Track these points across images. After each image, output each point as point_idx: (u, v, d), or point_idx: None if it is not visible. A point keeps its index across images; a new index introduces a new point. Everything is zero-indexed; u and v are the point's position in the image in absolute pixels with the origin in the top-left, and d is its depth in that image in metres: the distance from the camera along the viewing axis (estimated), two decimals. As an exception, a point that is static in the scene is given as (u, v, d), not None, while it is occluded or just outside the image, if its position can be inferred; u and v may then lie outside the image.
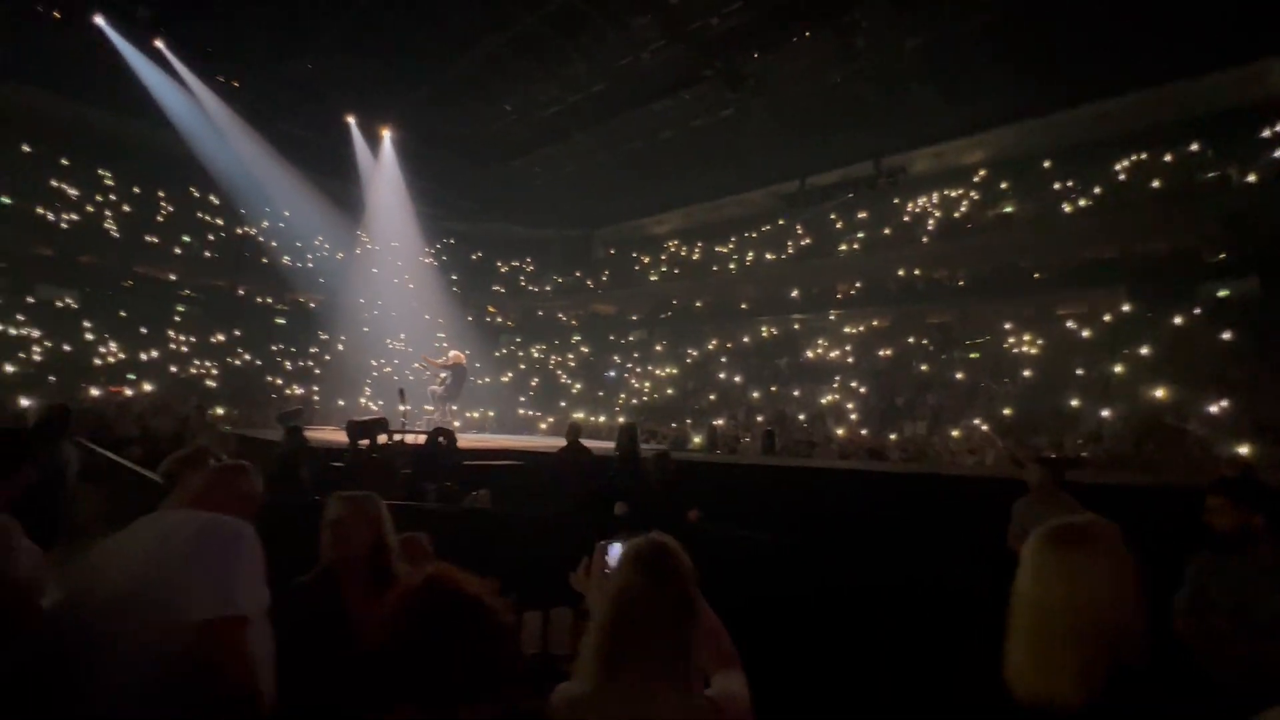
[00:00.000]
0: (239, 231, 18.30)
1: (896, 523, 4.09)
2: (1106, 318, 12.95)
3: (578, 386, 18.25)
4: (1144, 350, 11.40)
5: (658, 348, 19.52)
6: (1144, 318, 12.22)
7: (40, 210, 15.44)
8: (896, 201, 17.63)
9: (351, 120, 15.35)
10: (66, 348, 13.68)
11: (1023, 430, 10.74)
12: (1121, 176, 14.46)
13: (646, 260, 22.00)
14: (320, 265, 18.68)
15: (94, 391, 12.31)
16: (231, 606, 1.31)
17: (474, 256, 22.76)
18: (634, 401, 16.70)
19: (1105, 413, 10.46)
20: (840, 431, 12.30)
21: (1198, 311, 11.67)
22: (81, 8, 11.65)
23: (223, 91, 14.15)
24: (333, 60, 13.70)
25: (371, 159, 16.68)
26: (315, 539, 2.10)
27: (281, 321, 18.61)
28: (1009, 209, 15.68)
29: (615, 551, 1.37)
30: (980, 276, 15.51)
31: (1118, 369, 11.26)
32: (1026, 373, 12.56)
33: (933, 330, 15.67)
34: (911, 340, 15.40)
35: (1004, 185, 16.22)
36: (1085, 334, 12.91)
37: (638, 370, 18.57)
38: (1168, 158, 13.90)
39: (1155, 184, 13.62)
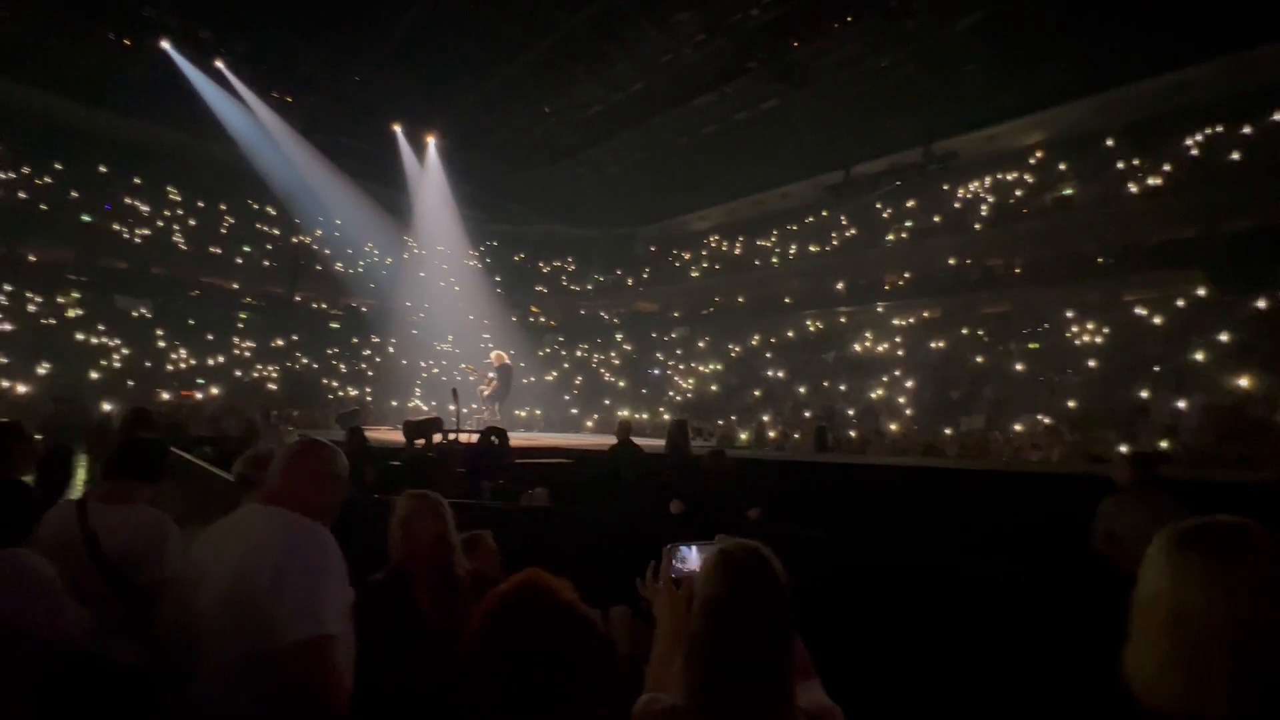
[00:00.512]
0: (294, 240, 19.06)
1: (963, 522, 3.93)
2: (1180, 303, 12.20)
3: (622, 384, 18.31)
4: (1223, 336, 10.67)
5: (700, 345, 19.40)
6: (1223, 301, 11.45)
7: (116, 226, 16.45)
8: (946, 188, 17.04)
9: (398, 129, 15.75)
10: (141, 355, 14.53)
11: (1090, 425, 10.21)
12: (1194, 152, 13.59)
13: (688, 257, 21.90)
14: (370, 271, 19.32)
15: (166, 395, 13.02)
16: (321, 626, 1.29)
17: (517, 258, 23.10)
18: (678, 399, 16.65)
19: (1181, 404, 9.85)
20: (893, 427, 11.95)
21: (1285, 294, 10.86)
22: (150, 34, 12.31)
23: (278, 107, 14.73)
24: (380, 72, 14.10)
25: (418, 166, 17.10)
26: (382, 537, 2.15)
27: (336, 326, 19.30)
28: (1069, 191, 14.94)
29: (685, 554, 1.32)
30: (1038, 263, 14.83)
31: (1197, 356, 10.58)
32: (1091, 363, 11.94)
33: (988, 320, 15.08)
34: (965, 331, 14.85)
35: (1063, 166, 15.46)
36: (1156, 320, 12.20)
37: (681, 368, 18.50)
38: (1247, 130, 12.98)
39: (1234, 157, 12.73)
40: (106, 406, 10.90)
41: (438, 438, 5.60)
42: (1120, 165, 14.39)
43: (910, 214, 17.48)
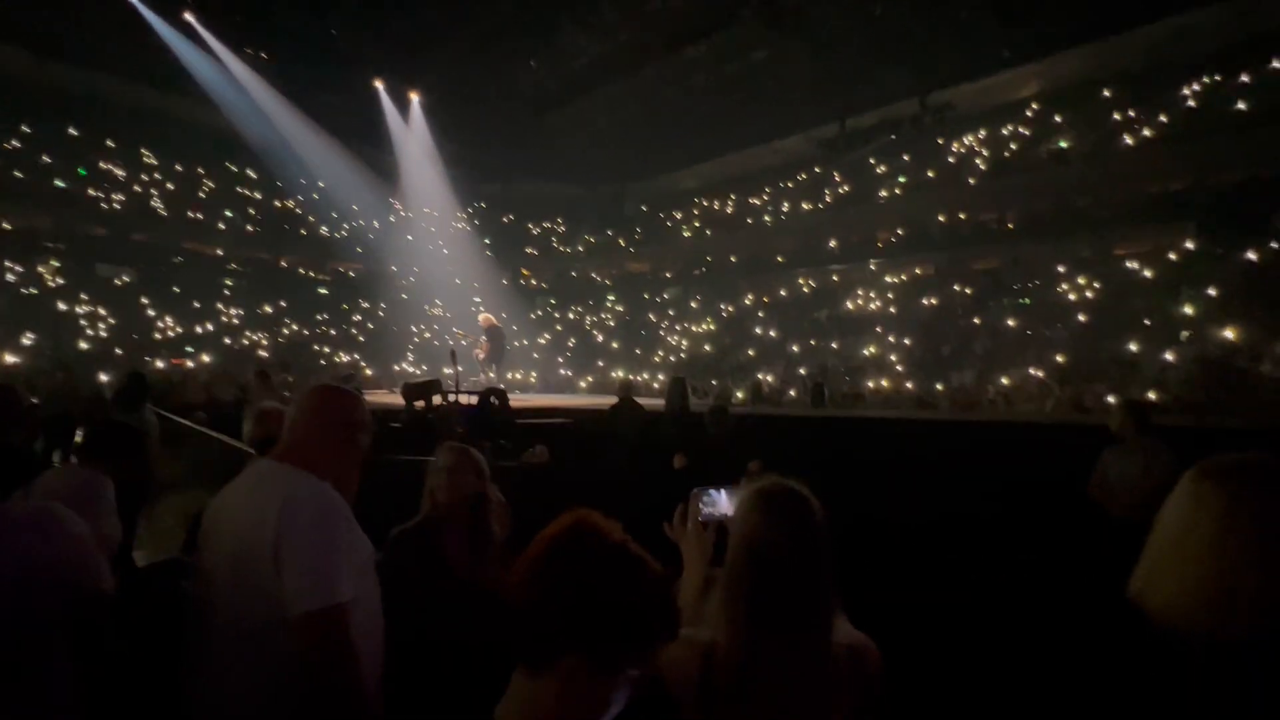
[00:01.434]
0: (277, 205, 18.60)
1: (958, 471, 4.01)
2: (1171, 256, 12.24)
3: (615, 345, 18.31)
4: (1211, 290, 10.76)
5: (693, 304, 19.35)
6: (1213, 254, 11.49)
7: (92, 192, 15.96)
8: (941, 142, 16.78)
9: (380, 85, 15.22)
10: (127, 324, 14.30)
11: (1079, 377, 10.36)
12: (1191, 103, 13.42)
13: (679, 216, 21.62)
14: (357, 235, 18.95)
15: (159, 364, 12.88)
16: (331, 596, 1.22)
17: (505, 219, 22.72)
18: (671, 359, 16.68)
19: (1169, 356, 9.99)
20: (885, 383, 12.07)
21: (1275, 245, 10.90)
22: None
23: (254, 64, 14.17)
24: (357, 23, 13.52)
25: (402, 124, 16.61)
26: (387, 495, 2.16)
27: (324, 291, 19.03)
28: (1064, 144, 14.76)
29: (714, 498, 1.34)
30: (1031, 217, 14.78)
31: (1186, 310, 10.68)
32: (1081, 317, 12.04)
33: (979, 276, 15.09)
34: (957, 288, 14.88)
35: (1058, 118, 15.25)
36: (1147, 274, 12.25)
37: (675, 328, 18.48)
38: (1245, 78, 12.80)
39: (1238, 107, 12.58)
40: (104, 378, 10.73)
41: (437, 400, 5.60)
42: (1116, 116, 14.20)
43: (904, 168, 17.26)
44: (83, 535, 1.19)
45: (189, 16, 12.45)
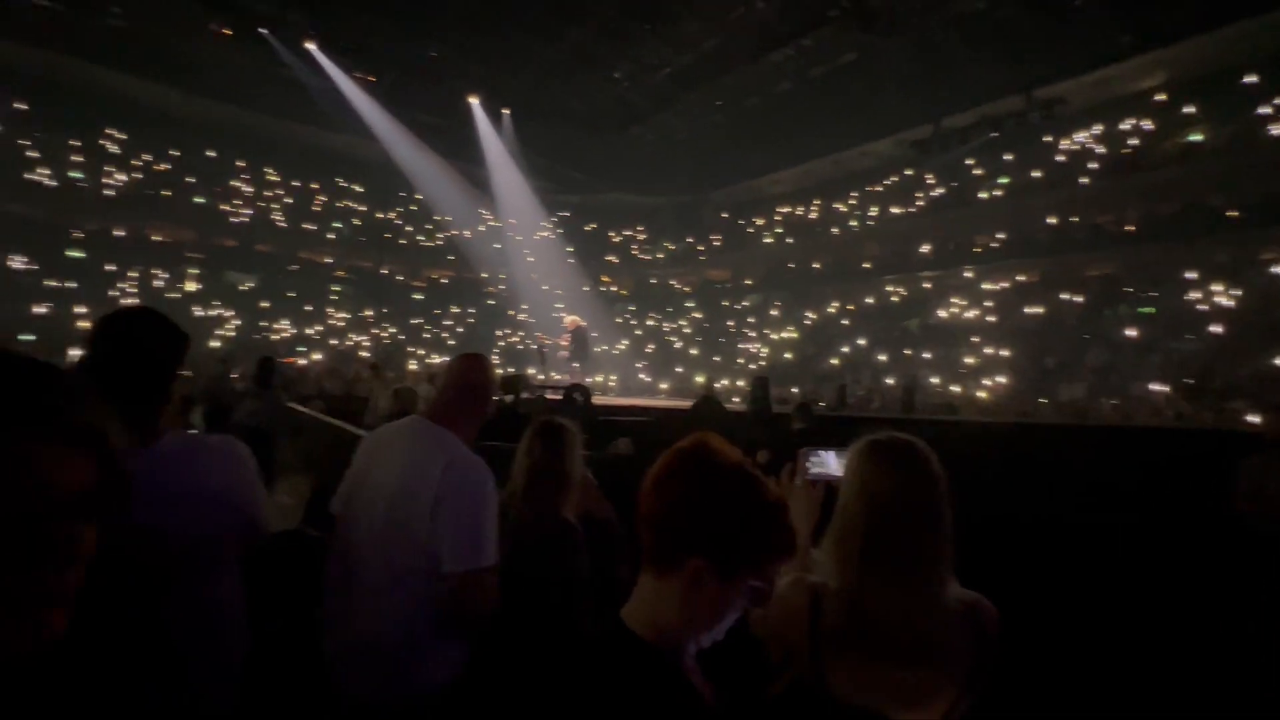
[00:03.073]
0: (379, 216, 20.01)
1: (1065, 480, 3.69)
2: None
3: (694, 352, 18.28)
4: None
5: (773, 312, 19.00)
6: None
7: (224, 207, 17.81)
8: (1049, 139, 15.64)
9: (474, 101, 16.06)
10: (250, 325, 15.81)
11: (1214, 393, 9.29)
12: (1355, 85, 11.82)
13: (760, 222, 21.35)
14: (450, 244, 20.04)
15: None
16: (483, 559, 1.36)
17: (588, 228, 23.28)
18: (751, 367, 16.44)
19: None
20: (982, 394, 11.34)
21: None
22: (248, 22, 13.07)
23: (364, 86, 15.36)
24: (453, 45, 14.37)
25: (494, 138, 17.43)
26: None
27: (419, 297, 20.23)
28: (1197, 137, 13.37)
29: (822, 458, 1.33)
30: (1154, 218, 13.48)
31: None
32: (1217, 328, 10.81)
33: (1092, 283, 13.91)
34: (1065, 296, 13.78)
35: (1189, 109, 13.83)
36: (1298, 280, 10.86)
37: (755, 335, 18.22)
38: None
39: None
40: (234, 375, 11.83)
41: (525, 395, 5.80)
42: (1263, 109, 12.68)
43: (1006, 169, 16.22)
44: (255, 470, 1.35)
45: (310, 45, 13.66)
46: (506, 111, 16.52)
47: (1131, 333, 11.75)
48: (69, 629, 0.46)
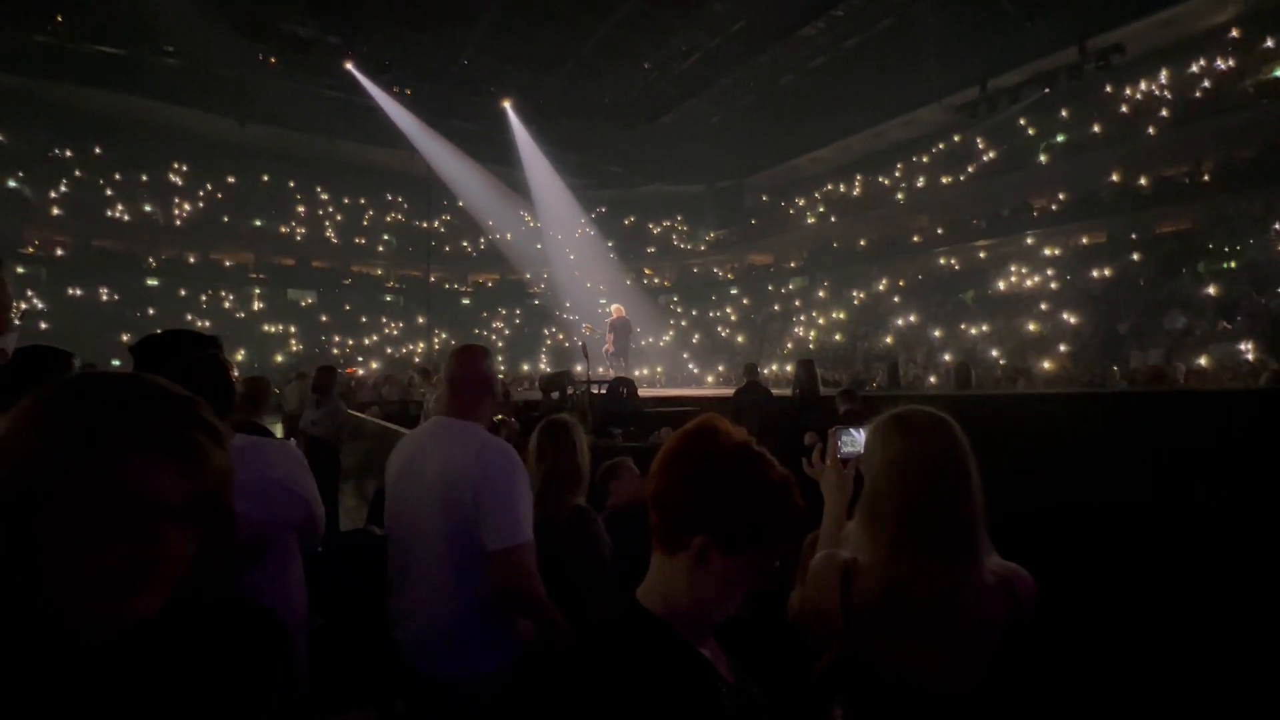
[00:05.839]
0: (423, 225, 20.63)
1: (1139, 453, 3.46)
2: None
3: (740, 339, 18.09)
4: None
5: (820, 293, 18.58)
6: None
7: (282, 228, 18.72)
8: (1109, 90, 14.67)
9: (508, 105, 16.29)
10: (311, 340, 16.59)
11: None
12: None
13: (801, 203, 20.89)
14: (493, 248, 20.46)
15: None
16: (522, 535, 1.45)
17: (626, 221, 23.32)
18: (798, 351, 16.14)
19: None
20: (1046, 365, 10.77)
21: None
22: (291, 49, 13.67)
23: (401, 100, 15.81)
24: (484, 50, 14.62)
25: (529, 140, 17.65)
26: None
27: (466, 302, 20.76)
28: (1279, 72, 12.27)
29: (854, 436, 1.30)
30: (1233, 167, 12.45)
31: None
32: (1311, 279, 9.94)
33: (1166, 241, 13.00)
34: (1136, 256, 12.93)
35: (1269, 43, 12.69)
36: None
37: (801, 318, 17.87)
38: None
39: None
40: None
41: (571, 390, 5.91)
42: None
43: (1062, 126, 15.30)
44: (308, 468, 1.53)
45: (349, 65, 14.15)
46: (539, 112, 16.70)
47: (1212, 290, 10.92)
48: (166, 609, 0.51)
